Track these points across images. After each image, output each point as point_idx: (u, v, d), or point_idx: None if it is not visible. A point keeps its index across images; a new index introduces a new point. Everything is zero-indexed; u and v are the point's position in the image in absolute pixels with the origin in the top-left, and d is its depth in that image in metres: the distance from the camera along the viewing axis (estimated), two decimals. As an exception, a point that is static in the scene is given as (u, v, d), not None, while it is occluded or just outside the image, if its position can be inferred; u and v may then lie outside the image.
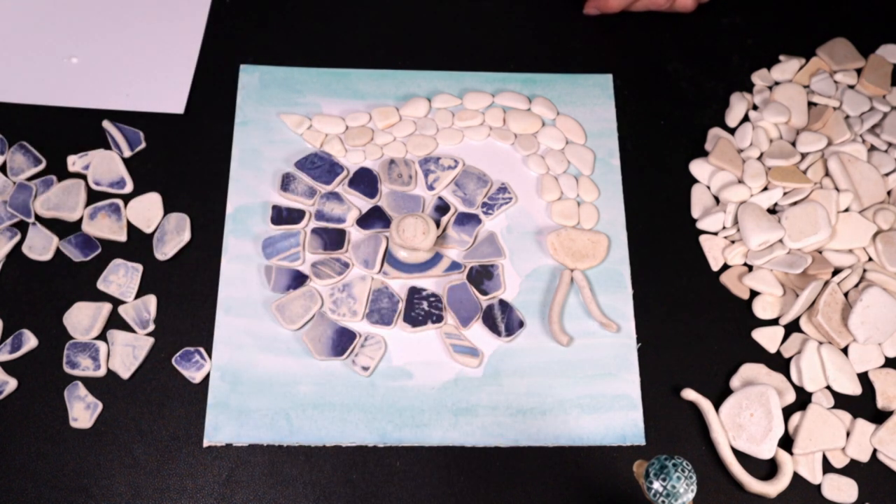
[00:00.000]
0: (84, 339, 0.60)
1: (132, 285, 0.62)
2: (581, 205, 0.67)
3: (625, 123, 0.71)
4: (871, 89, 0.72)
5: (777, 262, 0.65)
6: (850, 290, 0.64)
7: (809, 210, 0.65)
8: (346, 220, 0.65)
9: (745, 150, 0.70)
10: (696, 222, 0.67)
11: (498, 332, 0.62)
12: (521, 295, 0.64)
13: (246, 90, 0.70)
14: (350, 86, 0.71)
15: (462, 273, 0.64)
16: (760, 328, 0.64)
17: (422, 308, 0.62)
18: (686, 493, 0.45)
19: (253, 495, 0.57)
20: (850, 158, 0.68)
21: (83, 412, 0.58)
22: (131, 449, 0.58)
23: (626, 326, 0.63)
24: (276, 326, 0.62)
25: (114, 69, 0.70)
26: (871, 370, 0.62)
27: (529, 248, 0.66)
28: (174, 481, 0.57)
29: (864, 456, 0.59)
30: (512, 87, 0.72)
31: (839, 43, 0.75)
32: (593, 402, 0.60)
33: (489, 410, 0.60)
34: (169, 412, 0.59)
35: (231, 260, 0.64)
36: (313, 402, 0.60)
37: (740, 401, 0.60)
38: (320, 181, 0.67)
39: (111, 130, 0.68)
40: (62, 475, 0.57)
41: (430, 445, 0.59)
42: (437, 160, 0.68)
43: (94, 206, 0.65)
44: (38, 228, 0.64)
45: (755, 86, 0.74)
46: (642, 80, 0.73)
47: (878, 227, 0.66)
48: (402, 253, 0.63)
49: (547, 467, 0.58)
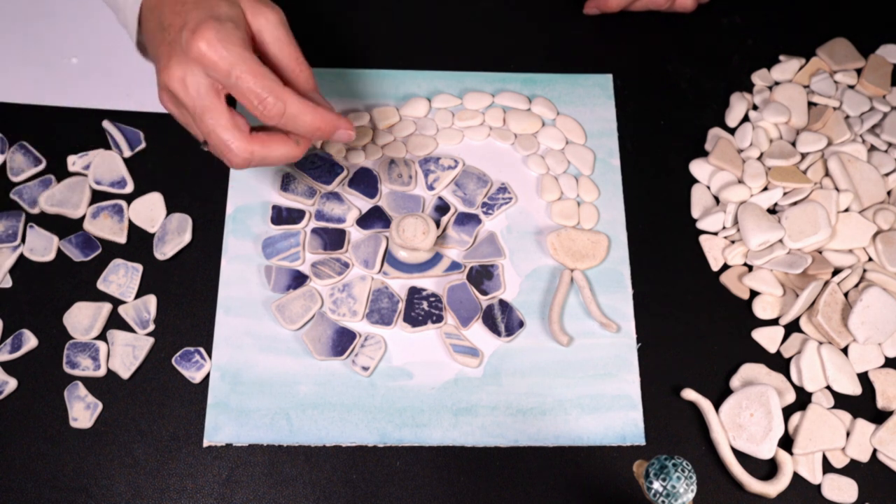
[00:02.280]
0: (84, 339, 0.60)
1: (132, 285, 0.62)
2: (581, 205, 0.67)
3: (625, 123, 0.71)
4: (871, 89, 0.72)
5: (777, 262, 0.65)
6: (850, 290, 0.64)
7: (809, 210, 0.65)
8: (346, 220, 0.65)
9: (745, 150, 0.70)
10: (696, 222, 0.67)
11: (498, 332, 0.62)
12: (521, 295, 0.64)
13: (246, 90, 0.70)
14: (350, 86, 0.71)
15: (462, 273, 0.64)
16: (760, 328, 0.64)
17: (422, 308, 0.62)
18: (686, 493, 0.45)
19: (253, 495, 0.57)
20: (850, 158, 0.68)
21: (83, 412, 0.58)
22: (131, 449, 0.58)
23: (626, 326, 0.63)
24: (276, 326, 0.62)
25: (114, 69, 0.70)
26: (871, 370, 0.62)
27: (529, 248, 0.66)
28: (174, 481, 0.57)
29: (864, 456, 0.59)
30: (512, 87, 0.72)
31: (839, 43, 0.75)
32: (593, 402, 0.60)
33: (489, 410, 0.60)
34: (169, 412, 0.59)
35: (231, 260, 0.64)
36: (313, 402, 0.60)
37: (740, 401, 0.60)
38: (320, 181, 0.67)
39: (111, 130, 0.68)
40: (62, 475, 0.57)
41: (430, 445, 0.59)
42: (437, 160, 0.68)
43: (97, 206, 0.65)
44: (38, 231, 0.64)
45: (755, 86, 0.74)
46: (642, 80, 0.73)
47: (878, 227, 0.66)
48: (402, 253, 0.63)
49: (547, 467, 0.58)
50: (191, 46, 0.52)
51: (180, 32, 0.53)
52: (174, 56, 0.53)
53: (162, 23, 0.54)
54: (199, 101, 0.53)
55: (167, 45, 0.54)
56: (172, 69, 0.53)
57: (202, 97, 0.53)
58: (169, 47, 0.53)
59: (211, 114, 0.53)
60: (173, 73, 0.53)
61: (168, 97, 0.55)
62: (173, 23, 0.53)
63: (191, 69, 0.52)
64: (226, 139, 0.54)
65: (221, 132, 0.54)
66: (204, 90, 0.53)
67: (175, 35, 0.53)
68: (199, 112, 0.53)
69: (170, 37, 0.53)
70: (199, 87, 0.53)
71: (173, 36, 0.53)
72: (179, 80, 0.53)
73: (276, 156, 0.56)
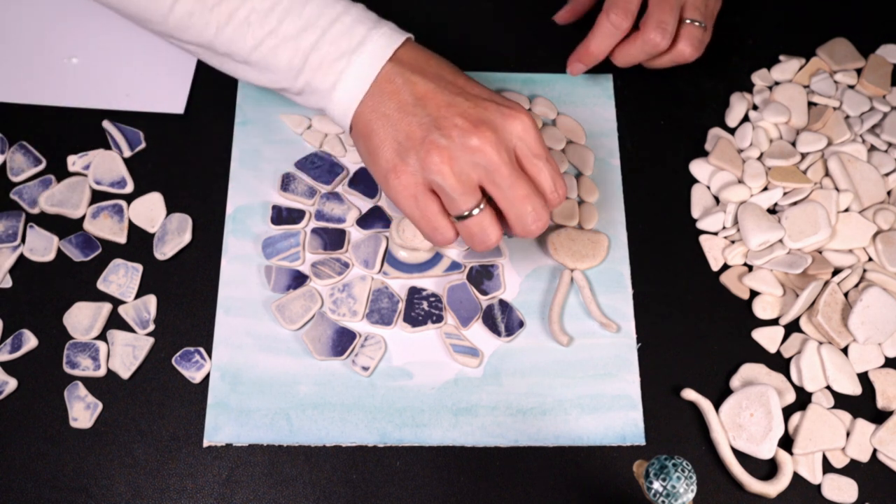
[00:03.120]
0: (84, 339, 0.60)
1: (132, 285, 0.62)
2: (581, 205, 0.67)
3: (625, 123, 0.71)
4: (871, 89, 0.72)
5: (777, 262, 0.65)
6: (850, 290, 0.64)
7: (809, 210, 0.65)
8: (346, 220, 0.65)
9: (745, 150, 0.70)
10: (696, 222, 0.67)
11: (498, 332, 0.62)
12: (521, 295, 0.64)
13: (246, 90, 0.70)
14: (350, 86, 0.71)
15: (462, 273, 0.64)
16: (760, 328, 0.64)
17: (422, 308, 0.62)
18: (686, 493, 0.45)
19: (253, 495, 0.57)
20: (850, 158, 0.68)
21: (83, 412, 0.58)
22: (131, 449, 0.58)
23: (626, 326, 0.63)
24: (276, 326, 0.62)
25: (114, 69, 0.70)
26: (871, 370, 0.62)
27: (529, 248, 0.65)
28: (174, 481, 0.57)
29: (864, 456, 0.59)
30: (512, 87, 0.72)
31: (839, 43, 0.75)
32: (593, 402, 0.60)
33: (489, 410, 0.60)
34: (169, 412, 0.59)
35: (231, 260, 0.64)
36: (313, 402, 0.60)
37: (740, 401, 0.60)
38: (320, 181, 0.67)
39: (111, 130, 0.68)
40: (62, 475, 0.57)
41: (430, 445, 0.59)
42: (437, 160, 0.68)
43: (97, 206, 0.65)
44: (38, 231, 0.64)
45: (755, 86, 0.74)
46: (642, 80, 0.73)
47: (878, 227, 0.66)
48: (402, 253, 0.63)
49: (547, 467, 0.58)
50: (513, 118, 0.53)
51: (492, 97, 0.54)
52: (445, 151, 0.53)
53: (441, 84, 0.55)
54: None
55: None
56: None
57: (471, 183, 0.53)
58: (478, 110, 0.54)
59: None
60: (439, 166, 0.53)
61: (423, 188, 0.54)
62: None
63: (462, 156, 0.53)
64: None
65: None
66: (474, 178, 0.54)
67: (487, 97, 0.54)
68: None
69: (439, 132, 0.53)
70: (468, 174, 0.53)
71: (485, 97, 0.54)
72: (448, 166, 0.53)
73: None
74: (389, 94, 0.55)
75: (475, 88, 0.55)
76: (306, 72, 0.56)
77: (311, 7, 0.56)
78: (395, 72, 0.55)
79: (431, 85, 0.54)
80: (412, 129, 0.53)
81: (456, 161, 0.52)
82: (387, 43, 0.56)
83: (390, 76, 0.55)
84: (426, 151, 0.52)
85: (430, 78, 0.55)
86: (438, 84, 0.54)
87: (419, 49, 0.57)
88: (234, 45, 0.57)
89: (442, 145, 0.52)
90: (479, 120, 0.53)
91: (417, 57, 0.56)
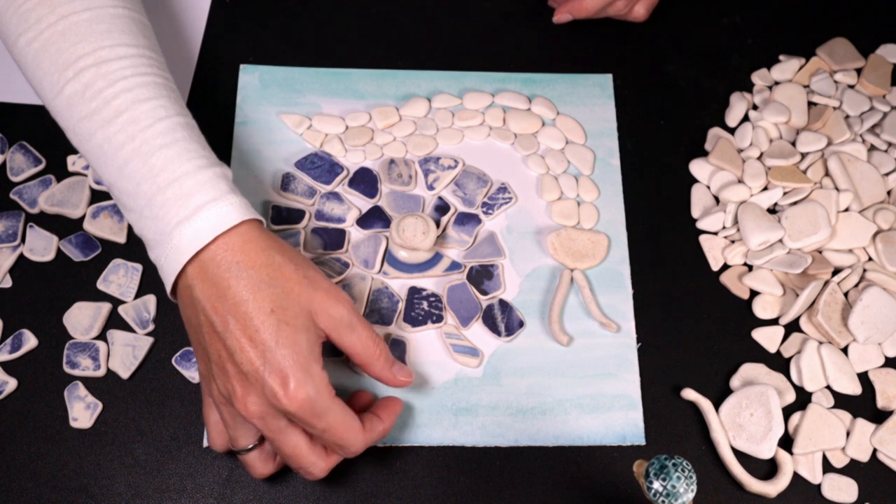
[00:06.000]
0: (84, 339, 0.60)
1: (132, 285, 0.62)
2: (581, 205, 0.67)
3: (625, 123, 0.71)
4: (871, 89, 0.72)
5: (777, 262, 0.65)
6: (850, 290, 0.64)
7: (809, 210, 0.65)
8: (346, 220, 0.65)
9: (745, 149, 0.70)
10: (696, 222, 0.67)
11: (498, 332, 0.62)
12: (521, 295, 0.64)
13: (246, 90, 0.70)
14: (350, 86, 0.71)
15: (462, 273, 0.64)
16: (760, 328, 0.64)
17: (422, 308, 0.62)
18: (686, 493, 0.45)
19: (253, 495, 0.57)
20: (850, 158, 0.68)
21: (83, 412, 0.58)
22: (131, 449, 0.58)
23: (626, 326, 0.63)
24: (276, 326, 0.62)
25: (114, 69, 0.70)
26: (871, 370, 0.62)
27: (529, 248, 0.66)
28: (174, 481, 0.57)
29: (864, 456, 0.59)
30: (512, 87, 0.72)
31: (839, 43, 0.75)
32: (593, 402, 0.60)
33: (489, 410, 0.60)
34: (169, 412, 0.59)
35: (231, 260, 0.64)
36: (313, 402, 0.59)
37: (740, 401, 0.60)
38: (320, 181, 0.67)
39: (111, 130, 0.68)
40: (62, 475, 0.57)
41: (430, 445, 0.59)
42: (437, 160, 0.68)
43: (97, 206, 0.65)
44: (38, 231, 0.64)
45: (755, 86, 0.74)
46: (642, 80, 0.73)
47: (878, 227, 0.66)
48: (402, 253, 0.63)
49: (547, 467, 0.58)
50: (279, 401, 0.48)
51: (260, 369, 0.48)
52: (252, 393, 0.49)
53: (213, 324, 0.49)
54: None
55: (233, 365, 0.49)
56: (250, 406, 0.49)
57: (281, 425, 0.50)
58: (242, 377, 0.49)
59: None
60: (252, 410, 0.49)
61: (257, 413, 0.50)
62: (240, 340, 0.49)
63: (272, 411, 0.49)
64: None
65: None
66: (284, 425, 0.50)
67: (249, 366, 0.48)
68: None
69: (238, 358, 0.49)
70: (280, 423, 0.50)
71: (246, 365, 0.48)
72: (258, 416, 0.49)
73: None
74: (186, 303, 0.51)
75: (247, 330, 0.49)
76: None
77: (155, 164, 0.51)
78: (190, 280, 0.50)
79: (217, 319, 0.49)
80: (202, 354, 0.51)
81: (230, 411, 0.51)
82: (188, 246, 0.50)
83: (187, 282, 0.51)
84: (212, 387, 0.51)
85: (219, 311, 0.49)
86: (222, 321, 0.49)
87: (233, 249, 0.50)
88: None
89: (216, 394, 0.51)
90: (228, 395, 0.50)
91: (224, 263, 0.49)
